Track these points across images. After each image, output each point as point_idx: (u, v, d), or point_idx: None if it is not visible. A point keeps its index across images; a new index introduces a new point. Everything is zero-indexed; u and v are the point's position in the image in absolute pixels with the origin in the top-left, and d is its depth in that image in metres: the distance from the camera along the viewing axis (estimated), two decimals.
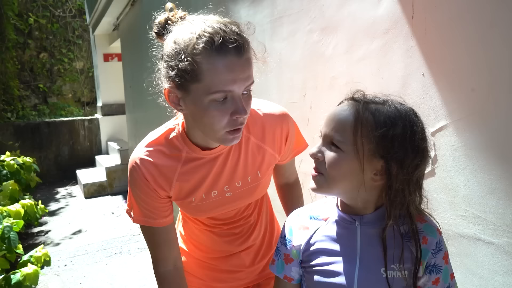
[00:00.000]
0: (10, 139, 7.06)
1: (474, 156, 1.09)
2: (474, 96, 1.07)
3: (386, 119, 0.80)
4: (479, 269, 1.11)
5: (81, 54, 9.65)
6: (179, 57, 0.88)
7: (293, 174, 1.40)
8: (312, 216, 0.98)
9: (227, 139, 0.96)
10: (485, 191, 1.07)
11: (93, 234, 4.49)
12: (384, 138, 0.79)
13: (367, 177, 0.83)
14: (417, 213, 0.87)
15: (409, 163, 0.80)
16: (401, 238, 0.84)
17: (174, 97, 0.96)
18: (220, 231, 1.25)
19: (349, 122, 0.82)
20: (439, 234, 0.87)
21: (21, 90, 8.94)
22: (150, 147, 1.07)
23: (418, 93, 1.23)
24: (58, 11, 9.30)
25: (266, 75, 2.15)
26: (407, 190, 0.82)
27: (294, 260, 0.98)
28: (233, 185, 1.13)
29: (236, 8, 2.37)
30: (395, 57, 1.31)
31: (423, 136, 0.83)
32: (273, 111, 1.16)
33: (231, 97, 0.91)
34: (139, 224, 1.12)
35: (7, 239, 2.86)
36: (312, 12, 1.71)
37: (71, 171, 7.35)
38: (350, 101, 0.87)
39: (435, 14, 1.16)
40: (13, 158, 4.91)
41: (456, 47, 1.11)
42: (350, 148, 0.82)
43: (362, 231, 0.88)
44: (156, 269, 1.16)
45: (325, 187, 0.87)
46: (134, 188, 1.08)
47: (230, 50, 0.87)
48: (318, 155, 0.87)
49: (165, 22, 0.99)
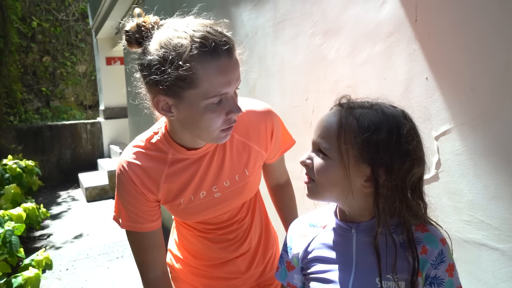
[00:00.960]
0: (13, 142, 7.08)
1: (478, 161, 1.08)
2: (478, 100, 1.06)
3: (370, 123, 0.78)
4: (484, 275, 1.10)
5: (83, 58, 9.68)
6: (171, 65, 0.86)
7: (284, 175, 1.39)
8: (311, 223, 0.97)
9: (221, 137, 0.98)
10: (489, 196, 1.06)
11: (95, 238, 4.48)
12: (368, 143, 0.78)
13: (357, 184, 0.81)
14: (418, 221, 0.84)
15: (398, 168, 0.78)
16: (394, 247, 0.81)
17: (164, 105, 0.93)
18: (214, 236, 1.23)
19: (333, 129, 0.82)
20: (443, 245, 0.82)
21: (24, 93, 8.96)
22: (136, 151, 1.06)
23: (421, 97, 1.22)
24: (61, 14, 9.33)
25: (268, 79, 2.15)
26: (398, 197, 0.79)
27: (295, 267, 0.97)
28: (221, 185, 1.12)
29: (239, 12, 2.37)
30: (398, 61, 1.30)
31: (409, 138, 0.79)
32: (256, 107, 1.16)
33: (225, 98, 0.92)
34: (127, 229, 1.10)
35: (9, 243, 2.86)
36: (315, 16, 1.71)
37: (73, 175, 7.35)
38: (337, 107, 0.86)
39: (438, 17, 1.15)
40: (15, 161, 4.91)
41: (460, 50, 1.10)
42: (335, 155, 0.81)
43: (358, 239, 0.86)
44: (144, 275, 1.13)
45: (317, 193, 0.86)
46: (122, 193, 1.07)
47: (223, 52, 0.88)
48: (307, 162, 0.87)
49: (138, 29, 0.94)
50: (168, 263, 1.39)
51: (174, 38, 0.87)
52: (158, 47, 0.88)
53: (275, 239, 1.40)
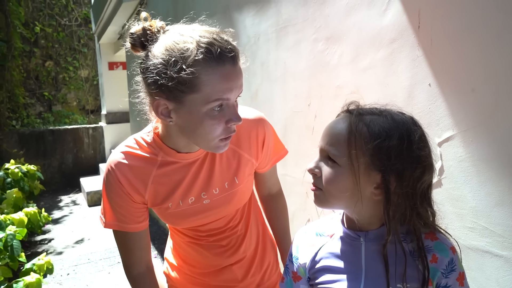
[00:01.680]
0: (15, 146, 7.09)
1: (482, 167, 1.08)
2: (481, 106, 1.06)
3: (381, 130, 0.77)
4: (488, 283, 1.09)
5: (86, 63, 9.72)
6: (176, 69, 0.86)
7: (275, 185, 1.37)
8: (318, 232, 0.95)
9: (219, 147, 0.97)
10: (493, 203, 1.06)
11: (96, 243, 4.48)
12: (379, 150, 0.76)
13: (367, 192, 0.80)
14: (428, 229, 0.83)
15: (409, 175, 0.77)
16: (404, 255, 0.79)
17: (164, 109, 0.93)
18: (207, 243, 1.22)
19: (343, 135, 0.80)
20: (453, 253, 0.81)
21: (26, 98, 8.99)
22: (125, 151, 1.07)
23: (424, 103, 1.22)
24: (64, 20, 9.38)
25: (270, 84, 2.15)
26: (409, 204, 0.78)
27: (302, 278, 0.95)
28: (211, 192, 1.11)
29: (241, 18, 2.38)
30: (401, 67, 1.30)
31: (421, 145, 0.78)
32: (248, 115, 1.15)
33: (226, 105, 0.92)
34: (112, 228, 1.11)
35: (10, 247, 2.85)
36: (317, 22, 1.71)
37: (75, 179, 7.35)
38: (345, 113, 0.85)
39: (441, 24, 1.15)
40: (17, 166, 4.92)
41: (463, 57, 1.10)
42: (345, 162, 0.79)
43: (367, 247, 0.85)
44: (128, 273, 1.15)
45: (325, 201, 0.85)
46: (109, 192, 1.07)
47: (228, 59, 0.89)
48: (315, 171, 0.85)
49: (144, 33, 0.95)
50: (165, 272, 1.38)
51: (181, 42, 0.88)
52: (164, 50, 0.89)
53: (274, 247, 1.38)
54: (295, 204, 1.98)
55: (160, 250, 4.09)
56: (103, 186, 1.09)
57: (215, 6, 2.71)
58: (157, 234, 4.59)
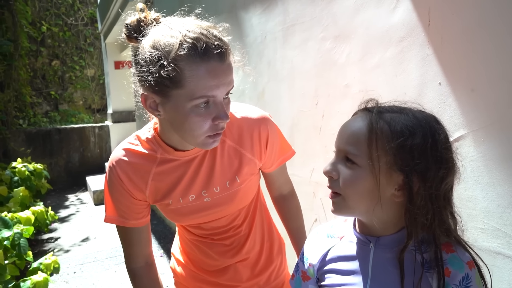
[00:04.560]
0: (22, 145, 7.14)
1: (493, 167, 1.06)
2: (493, 105, 1.04)
3: (404, 128, 0.73)
4: (499, 285, 1.08)
5: (92, 62, 9.76)
6: (160, 63, 0.86)
7: (286, 185, 1.34)
8: (329, 234, 0.93)
9: (207, 143, 0.96)
10: (505, 204, 1.04)
11: (102, 241, 4.49)
12: (402, 149, 0.72)
13: (388, 193, 0.76)
14: (449, 239, 0.78)
15: (432, 176, 0.72)
16: (422, 264, 0.75)
17: (152, 102, 0.94)
18: (210, 241, 1.23)
19: (363, 134, 0.76)
20: (469, 269, 0.75)
21: (33, 97, 9.05)
22: (126, 148, 1.08)
23: (434, 102, 1.21)
24: (70, 19, 9.43)
25: (277, 83, 2.14)
26: (431, 208, 0.74)
27: (311, 278, 0.94)
28: (211, 190, 1.11)
29: (248, 16, 2.37)
30: (411, 66, 1.28)
31: (447, 145, 0.75)
32: (251, 114, 1.13)
33: (213, 102, 0.91)
34: (111, 223, 1.13)
35: (17, 246, 2.87)
36: (325, 20, 1.70)
37: (81, 178, 7.39)
38: (363, 111, 0.81)
39: (452, 21, 1.13)
40: (24, 164, 4.95)
41: (474, 55, 1.08)
42: (366, 162, 0.75)
43: (376, 254, 0.81)
44: (128, 265, 1.18)
45: (345, 208, 0.80)
46: (110, 188, 1.10)
47: (214, 56, 0.87)
48: (332, 173, 0.80)
49: (138, 24, 0.95)
50: (171, 267, 1.39)
51: (166, 37, 0.87)
52: (151, 43, 0.89)
53: (281, 248, 1.37)
54: (302, 204, 1.95)
55: (166, 249, 4.09)
56: (105, 182, 1.12)
57: (222, 4, 2.70)
58: (163, 233, 4.59)
